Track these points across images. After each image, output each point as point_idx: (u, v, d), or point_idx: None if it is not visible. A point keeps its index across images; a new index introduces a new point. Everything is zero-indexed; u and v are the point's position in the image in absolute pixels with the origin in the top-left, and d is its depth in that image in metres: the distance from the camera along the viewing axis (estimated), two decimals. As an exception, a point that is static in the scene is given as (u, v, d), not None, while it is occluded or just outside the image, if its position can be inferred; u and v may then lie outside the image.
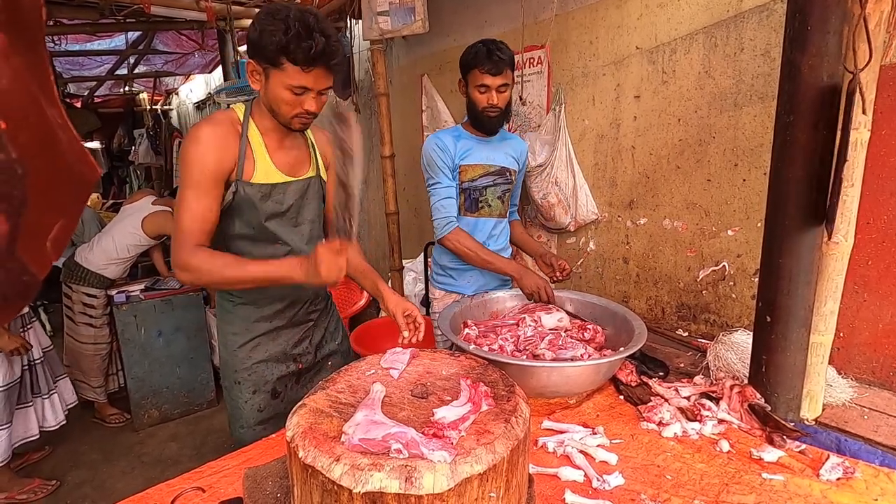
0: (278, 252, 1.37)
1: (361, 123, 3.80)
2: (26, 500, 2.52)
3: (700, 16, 1.85)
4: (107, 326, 3.12)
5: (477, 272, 1.92)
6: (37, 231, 0.28)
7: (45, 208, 0.28)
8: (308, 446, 0.84)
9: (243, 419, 1.47)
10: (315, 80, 1.20)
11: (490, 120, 1.78)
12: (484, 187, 1.86)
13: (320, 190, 1.44)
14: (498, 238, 1.95)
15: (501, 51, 1.69)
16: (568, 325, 1.62)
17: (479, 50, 1.71)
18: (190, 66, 5.55)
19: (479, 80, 1.72)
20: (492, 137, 1.87)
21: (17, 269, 0.26)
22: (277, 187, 1.33)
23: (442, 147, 1.82)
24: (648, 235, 2.17)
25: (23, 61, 0.27)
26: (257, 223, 1.32)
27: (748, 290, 1.85)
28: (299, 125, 1.28)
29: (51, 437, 2.84)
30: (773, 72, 1.67)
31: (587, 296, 1.75)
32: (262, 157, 1.31)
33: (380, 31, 2.70)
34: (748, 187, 1.80)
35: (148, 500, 1.03)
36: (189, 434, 3.14)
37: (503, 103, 1.76)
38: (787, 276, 1.23)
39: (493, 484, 0.83)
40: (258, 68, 1.23)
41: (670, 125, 2.00)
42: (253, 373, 1.45)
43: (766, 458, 1.11)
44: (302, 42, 1.14)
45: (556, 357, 1.38)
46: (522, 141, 1.99)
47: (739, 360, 1.45)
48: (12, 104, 0.25)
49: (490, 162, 1.85)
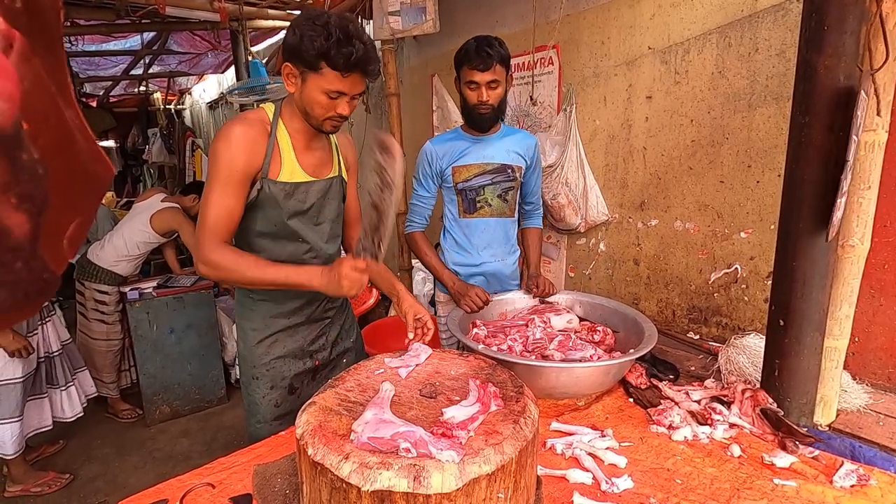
0: (299, 250, 1.40)
1: (371, 124, 3.82)
2: (41, 492, 2.56)
3: (714, 15, 1.83)
4: (119, 323, 3.16)
5: (482, 279, 1.90)
6: (55, 230, 0.28)
7: (63, 207, 0.28)
8: (317, 444, 0.85)
9: (260, 414, 1.49)
10: (352, 85, 1.23)
11: (481, 117, 1.74)
12: (481, 186, 1.82)
13: (341, 190, 1.47)
14: (500, 239, 1.89)
15: (492, 47, 1.65)
16: (577, 327, 1.61)
17: (469, 46, 1.68)
18: (203, 66, 5.61)
19: (468, 77, 1.69)
20: (491, 135, 1.84)
21: (39, 267, 0.27)
22: (301, 186, 1.35)
23: (430, 157, 1.84)
24: (659, 237, 2.15)
25: (42, 63, 0.28)
26: (280, 221, 1.35)
27: (761, 293, 1.82)
28: (330, 127, 1.31)
29: (65, 432, 2.89)
30: (789, 72, 1.65)
31: (597, 298, 1.74)
32: (288, 157, 1.34)
33: (391, 30, 2.71)
34: (762, 189, 1.78)
35: (159, 495, 1.04)
36: (200, 430, 3.17)
37: (495, 100, 1.72)
38: (801, 280, 1.21)
39: (502, 484, 0.83)
40: (295, 71, 1.25)
41: (683, 126, 1.98)
42: (271, 368, 1.48)
43: (779, 463, 1.09)
44: (343, 48, 1.17)
45: (566, 358, 1.38)
46: (531, 136, 1.91)
47: (751, 364, 1.43)
48: (33, 106, 0.26)
49: (487, 160, 1.82)
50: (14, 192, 0.24)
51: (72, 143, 0.30)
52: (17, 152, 0.25)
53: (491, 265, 1.89)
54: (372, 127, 3.79)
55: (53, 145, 0.28)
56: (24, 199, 0.25)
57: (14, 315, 0.27)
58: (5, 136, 0.24)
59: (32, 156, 0.26)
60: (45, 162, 0.26)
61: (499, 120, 1.82)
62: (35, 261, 0.27)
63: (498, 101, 1.73)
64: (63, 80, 0.30)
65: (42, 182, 0.26)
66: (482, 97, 1.69)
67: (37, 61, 0.27)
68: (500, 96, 1.73)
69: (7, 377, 2.35)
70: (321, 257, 1.44)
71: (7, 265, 0.25)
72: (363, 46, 1.19)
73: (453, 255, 1.90)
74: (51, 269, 0.28)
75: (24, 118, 0.25)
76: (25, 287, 0.26)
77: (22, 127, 0.25)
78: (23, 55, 0.26)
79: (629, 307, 1.62)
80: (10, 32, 0.25)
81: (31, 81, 0.26)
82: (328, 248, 1.46)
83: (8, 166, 0.24)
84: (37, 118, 0.26)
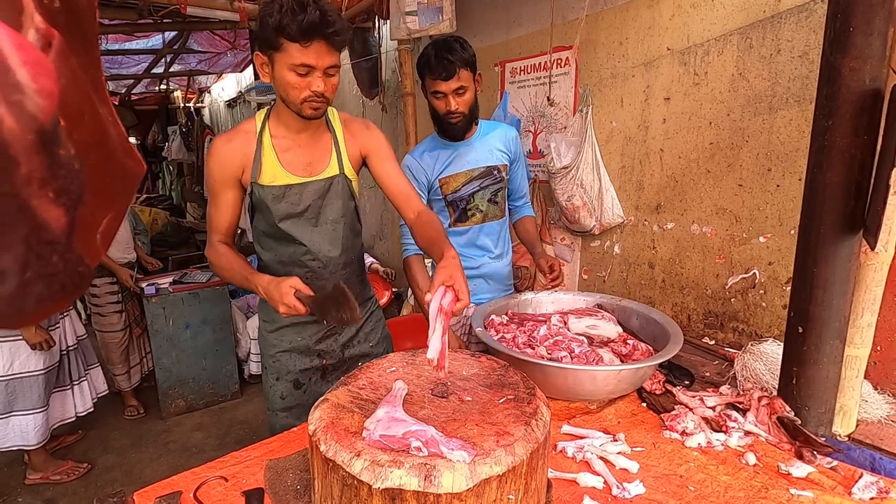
0: (297, 251, 1.41)
1: (386, 123, 3.83)
2: (59, 480, 2.63)
3: (735, 16, 1.80)
4: (116, 314, 3.20)
5: (481, 280, 1.85)
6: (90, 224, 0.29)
7: (96, 202, 0.29)
8: (329, 440, 0.86)
9: (269, 402, 1.55)
10: (317, 56, 1.18)
11: (453, 126, 1.67)
12: (470, 195, 1.76)
13: (346, 189, 1.41)
14: (494, 241, 1.84)
15: (452, 52, 1.55)
16: (613, 336, 1.55)
17: (428, 54, 1.59)
18: (222, 65, 5.69)
19: (432, 87, 1.62)
20: (469, 138, 1.75)
21: (74, 260, 0.27)
22: (293, 188, 1.35)
23: (415, 172, 1.74)
24: (675, 240, 2.12)
25: (79, 61, 0.29)
26: (272, 223, 1.37)
27: (779, 299, 1.79)
28: (310, 110, 1.25)
29: (83, 422, 2.96)
30: (811, 74, 1.62)
31: (640, 306, 1.62)
32: (270, 160, 1.34)
33: (407, 30, 2.72)
34: (782, 193, 1.75)
35: (173, 487, 1.06)
36: (214, 424, 3.22)
37: (465, 107, 1.64)
38: (821, 286, 1.19)
39: (512, 486, 0.83)
40: (264, 59, 1.24)
41: (701, 128, 1.96)
42: (276, 360, 1.51)
43: (795, 473, 1.07)
44: (296, 16, 1.13)
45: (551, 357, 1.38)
46: (510, 127, 1.84)
47: (768, 371, 1.41)
48: (70, 102, 0.27)
49: (473, 165, 1.74)
50: (52, 187, 0.25)
51: (106, 139, 0.31)
52: (54, 148, 0.26)
53: (489, 266, 1.86)
54: (388, 126, 3.81)
55: (88, 141, 0.29)
56: (61, 194, 0.26)
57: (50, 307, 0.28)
58: (44, 132, 0.25)
59: (69, 151, 0.26)
60: (80, 157, 0.27)
61: (472, 124, 1.75)
62: (70, 254, 0.28)
63: (468, 106, 1.65)
64: (98, 77, 0.31)
65: (78, 177, 0.27)
66: (450, 106, 1.62)
67: (73, 59, 0.28)
68: (471, 101, 1.66)
69: (30, 369, 2.41)
70: (321, 260, 1.42)
71: (44, 258, 0.26)
72: (318, 12, 1.14)
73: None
74: (85, 263, 0.29)
75: (61, 114, 0.26)
76: (62, 280, 0.27)
77: (59, 123, 0.26)
78: (61, 53, 0.27)
79: (670, 319, 1.52)
80: (50, 31, 0.26)
81: (67, 79, 0.27)
82: (330, 251, 1.42)
83: (46, 161, 0.25)
84: (73, 114, 0.27)
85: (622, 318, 1.66)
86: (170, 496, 1.02)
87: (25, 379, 2.41)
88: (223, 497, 1.03)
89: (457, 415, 0.93)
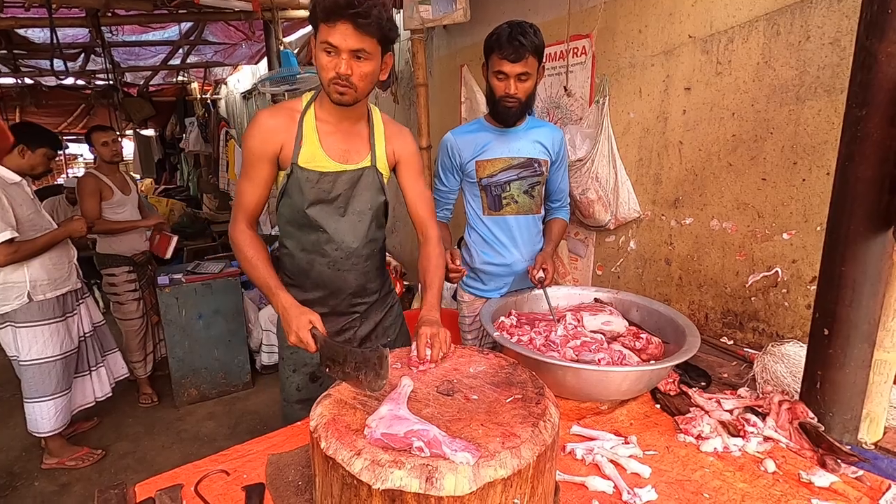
0: (320, 239, 1.39)
1: (399, 114, 3.80)
2: (74, 466, 2.68)
3: (762, 1, 1.71)
4: (134, 302, 3.28)
5: (513, 279, 1.81)
6: None
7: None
8: (330, 437, 0.83)
9: (286, 393, 1.55)
10: (342, 37, 1.17)
11: (506, 110, 1.62)
12: (507, 182, 1.73)
13: (376, 182, 1.40)
14: (527, 238, 1.80)
15: (525, 36, 1.51)
16: (622, 331, 1.53)
17: (501, 33, 1.54)
18: (238, 56, 5.71)
19: (497, 66, 1.56)
20: (516, 127, 1.72)
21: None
22: (328, 176, 1.34)
23: (450, 150, 1.76)
24: (694, 236, 2.05)
25: None
26: (299, 209, 1.36)
27: (803, 298, 1.72)
28: (336, 94, 1.24)
29: (99, 409, 3.01)
30: (843, 62, 1.53)
31: (654, 303, 1.60)
32: (311, 141, 1.33)
33: (420, 20, 2.67)
34: (808, 188, 1.67)
35: (176, 479, 1.05)
36: (225, 413, 3.25)
37: (523, 94, 1.59)
38: (849, 286, 1.12)
39: (518, 490, 0.79)
40: (313, 40, 1.25)
41: (723, 119, 1.88)
42: (293, 352, 1.50)
43: (818, 482, 1.02)
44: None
45: (577, 359, 1.33)
46: (557, 129, 1.80)
47: (790, 374, 1.35)
48: None
49: (513, 154, 1.72)
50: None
51: None
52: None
53: (522, 265, 1.79)
54: (401, 117, 3.77)
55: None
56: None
57: None
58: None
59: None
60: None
61: (525, 114, 1.73)
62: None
63: (527, 94, 1.61)
64: None
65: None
66: (510, 89, 1.58)
67: None
68: (530, 90, 1.62)
69: (47, 355, 2.45)
70: (343, 250, 1.41)
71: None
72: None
73: (481, 255, 1.82)
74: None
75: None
76: None
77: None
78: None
79: (684, 317, 1.49)
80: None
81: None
82: (352, 242, 1.41)
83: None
84: None
85: (621, 310, 1.65)
86: (171, 489, 1.01)
87: (40, 366, 2.44)
88: (224, 491, 1.02)
89: (462, 414, 0.90)
